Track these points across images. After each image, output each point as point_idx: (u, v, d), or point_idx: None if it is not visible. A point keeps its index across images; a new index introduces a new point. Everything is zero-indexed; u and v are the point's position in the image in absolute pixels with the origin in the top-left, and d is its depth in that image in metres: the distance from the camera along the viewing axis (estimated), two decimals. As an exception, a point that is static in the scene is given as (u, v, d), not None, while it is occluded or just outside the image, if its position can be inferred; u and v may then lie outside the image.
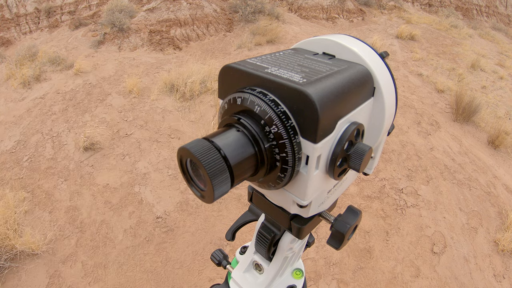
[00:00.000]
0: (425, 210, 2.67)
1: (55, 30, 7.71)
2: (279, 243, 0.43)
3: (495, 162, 3.56)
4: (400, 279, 2.13)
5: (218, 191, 0.22)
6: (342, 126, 0.27)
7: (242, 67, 0.28)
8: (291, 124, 0.24)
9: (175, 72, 4.14)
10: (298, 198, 0.28)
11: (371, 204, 2.65)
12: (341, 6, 8.89)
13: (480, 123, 4.27)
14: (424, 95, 4.76)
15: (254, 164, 0.25)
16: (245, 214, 0.53)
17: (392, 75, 0.33)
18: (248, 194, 0.39)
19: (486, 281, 2.22)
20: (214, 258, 0.55)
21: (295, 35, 6.42)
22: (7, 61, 5.45)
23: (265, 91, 0.26)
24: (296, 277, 0.49)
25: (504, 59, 8.03)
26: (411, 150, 3.32)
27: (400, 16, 9.63)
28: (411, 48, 7.01)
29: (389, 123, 0.34)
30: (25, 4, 8.15)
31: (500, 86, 6.18)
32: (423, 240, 2.42)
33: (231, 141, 0.24)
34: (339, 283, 2.08)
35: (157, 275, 2.07)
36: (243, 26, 6.82)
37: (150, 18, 6.62)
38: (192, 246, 2.25)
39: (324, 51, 0.34)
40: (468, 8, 12.46)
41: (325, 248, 2.27)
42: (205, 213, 2.48)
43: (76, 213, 2.51)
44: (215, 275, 2.06)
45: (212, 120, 3.47)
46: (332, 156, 0.27)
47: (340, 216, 0.35)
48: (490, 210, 2.81)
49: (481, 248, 2.46)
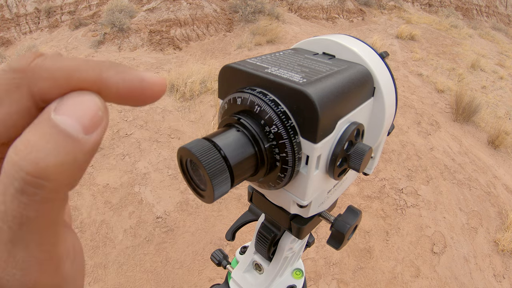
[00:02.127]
0: (425, 210, 2.67)
1: (55, 30, 7.72)
2: (279, 243, 0.43)
3: (495, 162, 3.56)
4: (400, 279, 2.13)
5: (218, 191, 0.22)
6: (342, 126, 0.27)
7: (242, 67, 0.28)
8: (291, 124, 0.24)
9: (175, 72, 4.14)
10: (298, 198, 0.28)
11: (371, 204, 2.65)
12: (341, 6, 8.89)
13: (480, 123, 4.27)
14: (424, 95, 4.76)
15: (254, 164, 0.25)
16: (245, 214, 0.53)
17: (392, 75, 0.33)
18: (248, 194, 0.39)
19: (486, 281, 2.22)
20: (214, 258, 0.55)
21: (295, 35, 6.42)
22: (7, 61, 5.45)
23: (265, 91, 0.26)
24: (296, 277, 0.49)
25: (504, 59, 8.03)
26: (411, 150, 3.32)
27: (400, 16, 9.63)
28: (411, 48, 7.01)
29: (389, 123, 0.34)
30: (25, 4, 8.15)
31: (500, 86, 6.19)
32: (423, 240, 2.42)
33: (231, 141, 0.24)
34: (339, 283, 2.08)
35: (157, 275, 2.07)
36: (243, 26, 6.82)
37: (150, 18, 6.62)
38: (192, 246, 2.25)
39: (324, 51, 0.34)
40: (468, 8, 12.47)
41: (325, 248, 2.27)
42: (205, 213, 2.48)
43: (76, 213, 2.51)
44: (215, 275, 2.06)
45: (212, 120, 3.47)
46: (332, 156, 0.27)
47: (340, 216, 0.35)
48: (490, 210, 2.81)
49: (481, 248, 2.46)
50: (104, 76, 0.15)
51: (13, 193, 0.13)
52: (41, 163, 0.13)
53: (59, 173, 0.13)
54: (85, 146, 0.14)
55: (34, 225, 0.14)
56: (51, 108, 0.15)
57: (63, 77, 0.15)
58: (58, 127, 0.14)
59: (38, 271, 0.15)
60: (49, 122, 0.14)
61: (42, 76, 0.15)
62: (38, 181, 0.13)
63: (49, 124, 0.14)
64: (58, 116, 0.14)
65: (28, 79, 0.15)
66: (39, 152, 0.13)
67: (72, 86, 0.15)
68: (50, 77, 0.15)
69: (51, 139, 0.13)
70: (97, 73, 0.15)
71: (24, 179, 0.13)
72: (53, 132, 0.14)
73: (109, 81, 0.15)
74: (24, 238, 0.14)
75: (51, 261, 0.15)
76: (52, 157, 0.13)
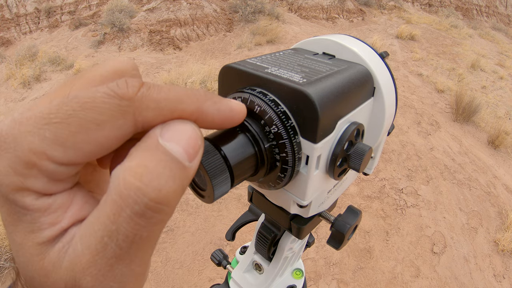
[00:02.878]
0: (425, 210, 2.67)
1: (55, 30, 7.72)
2: (279, 243, 0.43)
3: (495, 162, 3.56)
4: (400, 279, 2.13)
5: (218, 191, 0.22)
6: (342, 126, 0.27)
7: (242, 67, 0.28)
8: (291, 124, 0.24)
9: (175, 72, 4.14)
10: (298, 198, 0.28)
11: (371, 204, 2.65)
12: (341, 6, 8.89)
13: (480, 123, 4.27)
14: (424, 95, 4.76)
15: (254, 164, 0.25)
16: (245, 214, 0.53)
17: (392, 75, 0.33)
18: (248, 194, 0.39)
19: (486, 281, 2.22)
20: (214, 258, 0.55)
21: (295, 35, 6.42)
22: (7, 61, 5.45)
23: (265, 91, 0.26)
24: (296, 277, 0.49)
25: (504, 59, 8.04)
26: (411, 150, 3.32)
27: (400, 16, 9.63)
28: (411, 48, 7.02)
29: (389, 123, 0.34)
30: (25, 4, 8.15)
31: (500, 86, 6.19)
32: (423, 240, 2.42)
33: (231, 141, 0.23)
34: (339, 283, 2.08)
35: (157, 275, 2.07)
36: (243, 26, 6.82)
37: (150, 18, 6.63)
38: (192, 246, 2.25)
39: (324, 51, 0.34)
40: (468, 8, 12.47)
41: (325, 248, 2.27)
42: (205, 213, 2.48)
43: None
44: (215, 275, 2.06)
45: (212, 120, 3.47)
46: (332, 156, 0.27)
47: (340, 216, 0.35)
48: (490, 210, 2.81)
49: (481, 248, 2.46)
50: (204, 108, 0.17)
51: (130, 215, 0.14)
52: (163, 190, 0.14)
53: (175, 198, 0.15)
54: (189, 172, 0.15)
55: (143, 244, 0.15)
56: (156, 134, 0.15)
57: (168, 108, 0.16)
58: (170, 154, 0.15)
59: (132, 284, 0.16)
60: (160, 148, 0.15)
61: (149, 106, 0.15)
62: (158, 206, 0.14)
63: (161, 151, 0.15)
64: (167, 143, 0.15)
65: (134, 108, 0.15)
66: (160, 179, 0.14)
67: (174, 116, 0.16)
68: (156, 108, 0.16)
69: (166, 166, 0.14)
70: (198, 105, 0.17)
71: (146, 205, 0.14)
72: (167, 159, 0.15)
73: (207, 112, 0.17)
74: (130, 255, 0.15)
75: (144, 275, 0.17)
76: (171, 183, 0.14)
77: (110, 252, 0.14)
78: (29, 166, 0.14)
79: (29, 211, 0.15)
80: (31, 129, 0.14)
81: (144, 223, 0.14)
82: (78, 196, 0.17)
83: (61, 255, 0.15)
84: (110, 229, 0.14)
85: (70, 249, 0.15)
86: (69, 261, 0.15)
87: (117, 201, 0.14)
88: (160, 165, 0.14)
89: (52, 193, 0.15)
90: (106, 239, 0.14)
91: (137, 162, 0.14)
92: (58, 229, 0.15)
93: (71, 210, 0.16)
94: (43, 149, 0.14)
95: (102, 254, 0.14)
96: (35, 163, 0.14)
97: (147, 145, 0.15)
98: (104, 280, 0.15)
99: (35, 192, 0.15)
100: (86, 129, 0.14)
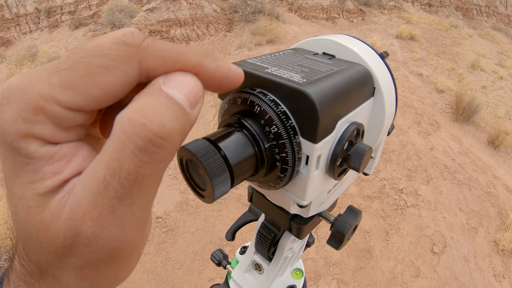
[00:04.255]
0: (425, 210, 2.67)
1: (55, 30, 7.72)
2: (279, 243, 0.43)
3: (495, 162, 3.56)
4: (400, 279, 2.13)
5: (218, 191, 0.22)
6: (342, 126, 0.27)
7: (242, 67, 0.28)
8: (291, 124, 0.24)
9: (175, 72, 4.14)
10: (298, 198, 0.28)
11: (371, 204, 2.65)
12: (341, 6, 8.89)
13: (480, 123, 4.27)
14: (424, 95, 4.76)
15: (254, 164, 0.25)
16: (245, 214, 0.53)
17: (392, 75, 0.33)
18: (248, 194, 0.39)
19: (486, 281, 2.22)
20: (214, 258, 0.55)
21: (295, 35, 6.42)
22: (7, 61, 5.45)
23: (265, 91, 0.26)
24: (296, 277, 0.49)
25: (504, 59, 8.03)
26: (411, 150, 3.32)
27: (400, 16, 9.63)
28: (411, 48, 7.01)
29: (389, 123, 0.34)
30: (25, 4, 8.15)
31: (500, 86, 6.19)
32: (423, 240, 2.42)
33: (231, 141, 0.23)
34: (339, 283, 2.08)
35: (157, 275, 2.07)
36: (243, 26, 6.82)
37: (150, 18, 6.62)
38: (192, 246, 2.25)
39: (324, 51, 0.34)
40: (468, 8, 12.47)
41: (325, 248, 2.27)
42: (205, 213, 2.48)
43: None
44: (215, 275, 2.06)
45: (212, 120, 3.47)
46: (332, 156, 0.27)
47: (340, 216, 0.35)
48: (490, 210, 2.81)
49: (481, 248, 2.46)
50: (204, 62, 0.18)
51: (133, 151, 0.14)
52: (167, 126, 0.14)
53: (178, 137, 0.15)
54: (191, 118, 0.16)
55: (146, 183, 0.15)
56: (160, 82, 0.16)
57: (171, 58, 0.17)
58: (173, 99, 0.15)
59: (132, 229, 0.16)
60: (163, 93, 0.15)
61: (154, 54, 0.16)
62: (162, 141, 0.14)
63: (164, 95, 0.15)
64: (170, 90, 0.16)
65: (140, 54, 0.16)
66: (164, 117, 0.14)
67: (177, 67, 0.17)
68: (160, 56, 0.16)
69: (170, 107, 0.15)
70: (198, 59, 0.18)
71: (150, 139, 0.14)
72: (170, 102, 0.15)
73: (207, 67, 0.18)
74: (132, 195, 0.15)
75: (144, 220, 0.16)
76: (174, 122, 0.15)
77: (112, 191, 0.14)
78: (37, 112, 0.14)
79: (32, 160, 0.15)
80: (40, 78, 0.15)
81: (147, 159, 0.14)
82: (83, 149, 0.17)
83: (61, 205, 0.15)
84: (112, 167, 0.14)
85: (71, 197, 0.15)
86: (69, 209, 0.15)
87: (121, 138, 0.14)
88: (164, 106, 0.15)
89: (58, 141, 0.16)
90: (108, 177, 0.14)
91: (141, 103, 0.15)
92: (60, 179, 0.15)
93: (74, 161, 0.16)
94: (52, 93, 0.15)
95: (104, 194, 0.14)
96: (43, 107, 0.14)
97: (151, 90, 0.16)
98: (104, 224, 0.14)
99: (40, 140, 0.15)
100: (94, 73, 0.15)
